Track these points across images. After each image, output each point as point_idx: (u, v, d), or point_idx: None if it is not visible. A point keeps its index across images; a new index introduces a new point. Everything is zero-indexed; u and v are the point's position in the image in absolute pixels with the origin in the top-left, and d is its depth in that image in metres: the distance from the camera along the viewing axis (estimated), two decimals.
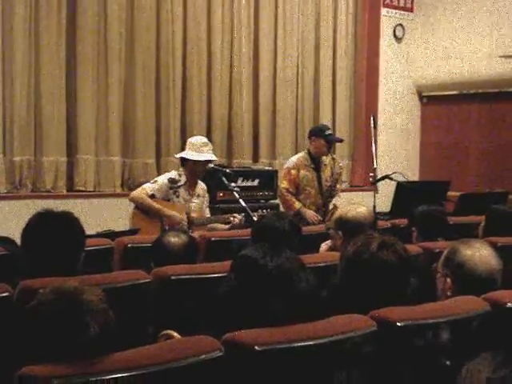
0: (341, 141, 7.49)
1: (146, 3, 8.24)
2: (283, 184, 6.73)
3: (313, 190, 6.69)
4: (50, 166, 7.66)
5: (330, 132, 6.81)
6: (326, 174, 6.76)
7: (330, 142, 6.75)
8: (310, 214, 6.55)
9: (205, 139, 6.02)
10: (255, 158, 9.29)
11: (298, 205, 6.59)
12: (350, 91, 10.22)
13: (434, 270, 3.16)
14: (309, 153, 6.76)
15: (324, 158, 6.77)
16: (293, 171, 6.68)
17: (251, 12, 9.14)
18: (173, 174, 5.84)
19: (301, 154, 6.88)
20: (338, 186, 6.90)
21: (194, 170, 5.77)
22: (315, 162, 6.72)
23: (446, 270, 3.02)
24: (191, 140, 5.95)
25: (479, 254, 2.97)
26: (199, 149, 5.76)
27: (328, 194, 6.76)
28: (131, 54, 8.22)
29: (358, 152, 10.13)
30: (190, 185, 5.80)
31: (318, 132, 6.74)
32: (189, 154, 5.78)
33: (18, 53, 7.41)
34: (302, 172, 6.67)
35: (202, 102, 8.75)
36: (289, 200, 6.65)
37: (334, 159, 6.91)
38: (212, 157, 5.84)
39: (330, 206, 6.71)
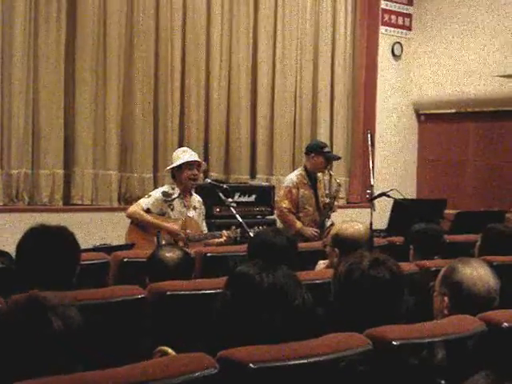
0: (339, 158, 7.49)
1: (145, 21, 8.27)
2: (284, 203, 6.68)
3: (311, 207, 6.70)
4: (47, 180, 7.66)
5: (328, 149, 6.84)
6: (322, 190, 6.78)
7: (329, 159, 6.77)
8: (309, 231, 6.58)
9: (184, 148, 6.10)
10: (252, 173, 9.30)
11: (299, 224, 6.59)
12: (348, 108, 10.24)
13: (432, 289, 3.15)
14: (305, 169, 6.76)
15: (319, 174, 6.79)
16: (293, 190, 6.68)
17: (250, 28, 9.17)
18: (166, 187, 5.87)
19: (298, 172, 6.84)
20: (335, 202, 6.90)
21: (182, 177, 5.77)
22: (312, 179, 6.73)
23: (443, 289, 3.01)
24: (173, 154, 6.01)
25: (477, 273, 2.97)
26: (178, 157, 5.80)
27: (325, 210, 6.76)
28: (130, 67, 8.23)
29: (355, 169, 10.13)
30: (185, 196, 5.80)
31: (316, 149, 6.73)
32: (172, 165, 5.83)
33: (16, 66, 7.42)
34: (301, 191, 6.68)
35: (199, 117, 8.77)
36: (290, 220, 6.63)
37: (331, 176, 6.91)
38: (190, 158, 5.79)
39: (329, 223, 6.69)
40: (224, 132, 9.02)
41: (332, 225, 6.27)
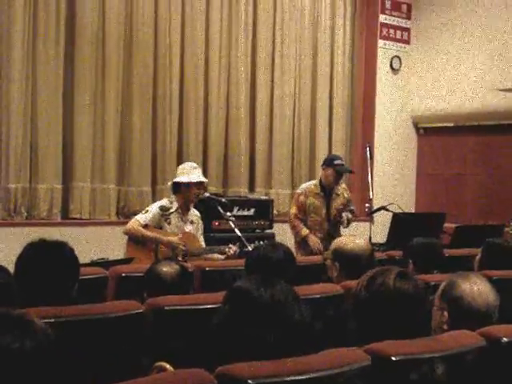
0: (351, 172, 7.52)
1: (143, 35, 8.30)
2: (292, 209, 6.94)
3: (319, 217, 6.83)
4: (46, 194, 7.66)
5: (339, 162, 6.88)
6: (338, 203, 6.83)
7: (339, 172, 6.81)
8: (314, 241, 6.68)
9: (194, 164, 6.04)
10: (251, 187, 9.29)
11: (304, 232, 6.76)
12: (347, 122, 10.25)
13: (431, 303, 3.14)
14: (320, 181, 6.89)
15: (340, 187, 6.93)
16: (301, 197, 6.86)
17: (249, 42, 9.20)
18: (164, 201, 5.82)
19: (313, 182, 7.08)
20: (343, 214, 6.88)
21: (187, 194, 5.76)
22: (325, 190, 6.80)
23: (442, 304, 3.00)
24: (180, 166, 5.99)
25: (477, 288, 2.95)
26: (190, 171, 5.77)
27: (335, 222, 6.81)
28: (128, 81, 8.25)
29: (354, 183, 10.11)
30: (183, 211, 5.79)
31: (328, 161, 6.91)
32: (180, 178, 5.78)
33: (14, 79, 7.44)
34: (311, 199, 6.82)
35: (198, 130, 8.78)
36: (296, 226, 6.82)
37: (345, 189, 7.05)
38: (202, 178, 5.82)
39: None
40: (222, 145, 9.02)
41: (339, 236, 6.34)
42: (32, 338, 1.82)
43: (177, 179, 5.82)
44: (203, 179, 5.85)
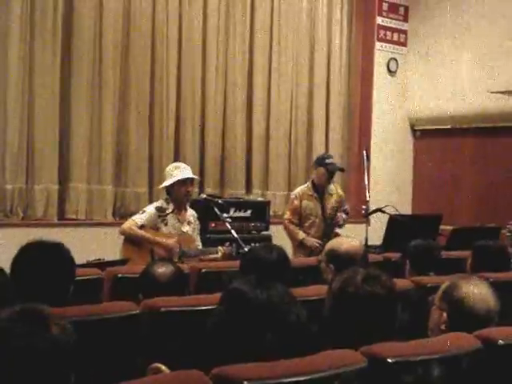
0: (342, 170, 7.51)
1: (141, 35, 8.31)
2: (286, 214, 6.92)
3: (316, 218, 6.82)
4: (42, 194, 7.64)
5: (331, 161, 6.86)
6: (331, 202, 6.81)
7: (331, 171, 6.80)
8: (311, 241, 6.70)
9: (176, 163, 6.10)
10: (248, 188, 9.29)
11: (300, 235, 6.74)
12: (344, 124, 10.26)
13: (430, 303, 3.14)
14: (312, 182, 6.86)
15: (332, 187, 6.91)
16: (295, 201, 6.84)
17: (246, 44, 9.21)
18: (160, 202, 5.83)
19: (305, 184, 7.03)
20: (338, 214, 6.88)
21: (175, 194, 5.75)
22: (319, 191, 6.79)
23: (443, 304, 2.99)
24: (165, 170, 5.97)
25: (479, 292, 2.95)
26: (171, 174, 5.76)
27: (331, 221, 6.80)
28: (126, 81, 8.25)
29: (351, 184, 10.13)
30: (179, 212, 5.78)
31: (319, 161, 6.89)
32: (165, 182, 5.78)
33: (11, 80, 7.44)
34: (305, 202, 6.81)
35: (195, 131, 8.77)
36: (292, 230, 6.80)
37: (337, 187, 7.06)
38: (182, 176, 5.73)
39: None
40: (219, 147, 9.02)
41: (336, 236, 6.32)
42: (44, 339, 1.82)
43: (162, 185, 5.85)
44: (186, 176, 5.75)
